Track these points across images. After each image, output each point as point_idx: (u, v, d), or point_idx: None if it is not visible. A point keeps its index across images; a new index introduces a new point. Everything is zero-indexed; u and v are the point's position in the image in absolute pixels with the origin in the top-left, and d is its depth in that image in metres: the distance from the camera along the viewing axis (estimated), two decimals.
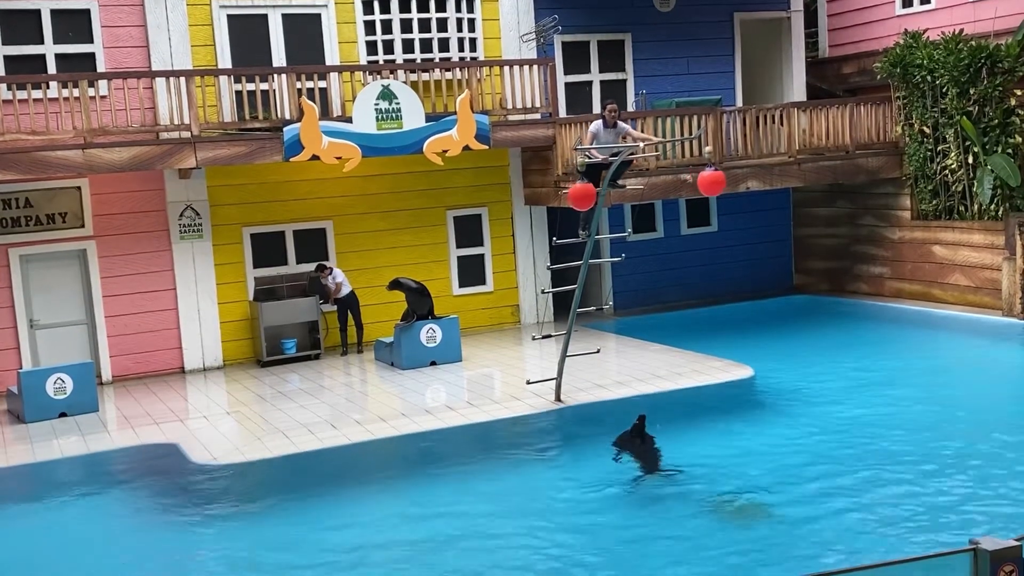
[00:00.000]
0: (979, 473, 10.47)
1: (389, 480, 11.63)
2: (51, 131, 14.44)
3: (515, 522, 9.90)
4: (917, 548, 8.54)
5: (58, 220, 15.63)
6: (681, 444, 11.32)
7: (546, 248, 18.35)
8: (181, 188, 16.17)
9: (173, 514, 10.54)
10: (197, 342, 16.39)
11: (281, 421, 12.94)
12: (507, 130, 16.86)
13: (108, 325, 15.92)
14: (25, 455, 12.17)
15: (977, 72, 16.87)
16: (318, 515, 10.28)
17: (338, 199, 17.25)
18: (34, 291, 15.61)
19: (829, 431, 12.13)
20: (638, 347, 16.16)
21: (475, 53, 17.60)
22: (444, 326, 15.74)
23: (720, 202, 19.82)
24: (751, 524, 9.53)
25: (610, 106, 12.61)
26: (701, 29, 19.55)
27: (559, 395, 13.14)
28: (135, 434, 12.80)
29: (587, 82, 18.89)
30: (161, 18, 15.80)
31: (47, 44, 15.33)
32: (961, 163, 17.30)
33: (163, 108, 15.40)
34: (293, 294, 16.65)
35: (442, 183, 17.75)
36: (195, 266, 16.31)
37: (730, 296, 20.16)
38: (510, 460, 11.83)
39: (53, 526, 10.48)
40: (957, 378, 14.62)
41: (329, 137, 15.50)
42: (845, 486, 10.38)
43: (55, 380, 13.71)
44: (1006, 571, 5.98)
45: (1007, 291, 16.43)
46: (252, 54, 16.33)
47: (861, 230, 19.63)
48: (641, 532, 9.49)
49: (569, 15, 18.04)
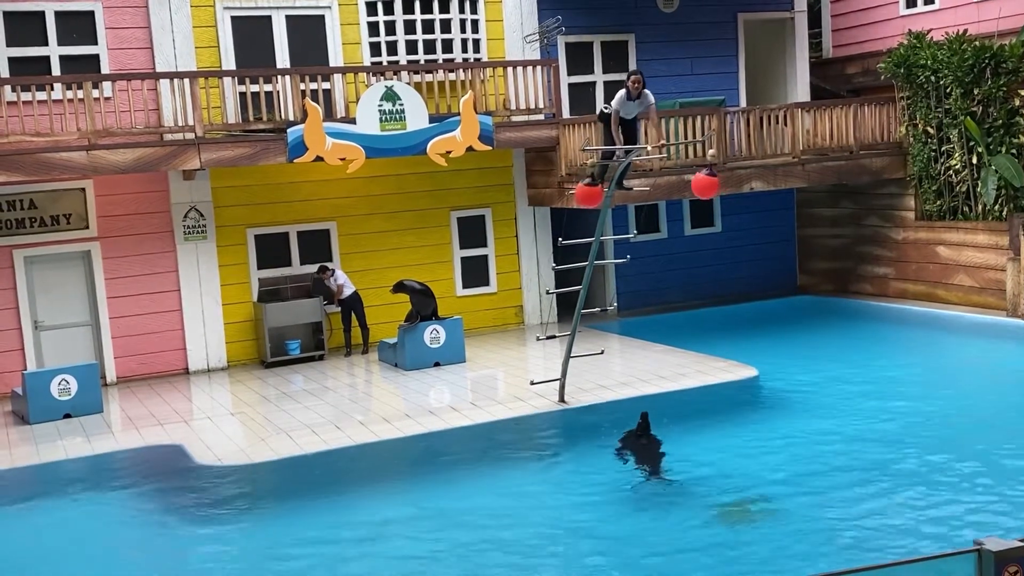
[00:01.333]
0: (984, 473, 10.45)
1: (393, 481, 11.65)
2: (55, 133, 14.47)
3: (518, 523, 9.89)
4: (922, 549, 8.53)
5: (62, 221, 15.66)
6: (684, 444, 11.32)
7: (550, 249, 18.35)
8: (185, 189, 16.19)
9: (177, 515, 10.55)
10: (201, 343, 16.41)
11: (285, 422, 12.95)
12: (511, 131, 16.87)
13: (112, 326, 15.94)
14: (30, 456, 12.19)
15: (981, 72, 16.86)
16: (322, 516, 10.29)
17: (342, 200, 17.26)
18: (38, 292, 15.64)
19: (833, 431, 12.13)
20: (642, 348, 16.16)
21: (478, 54, 17.61)
22: (448, 327, 15.75)
23: (724, 203, 19.81)
24: (753, 524, 9.53)
25: (634, 76, 12.51)
26: (705, 29, 19.55)
27: (563, 396, 13.14)
28: (139, 435, 12.82)
29: (591, 83, 18.90)
30: (165, 20, 15.82)
31: (51, 46, 15.35)
32: (965, 163, 17.29)
33: (167, 110, 15.42)
34: (297, 295, 16.67)
35: (446, 184, 17.76)
36: (199, 267, 16.33)
37: (734, 297, 20.14)
38: (513, 461, 11.83)
39: (57, 527, 10.48)
40: (961, 379, 14.61)
41: (333, 138, 15.52)
42: (849, 486, 10.38)
43: (59, 381, 13.73)
44: (1010, 572, 5.97)
45: (1011, 292, 16.41)
46: (256, 55, 16.34)
47: (865, 230, 19.62)
48: (643, 532, 9.49)
49: (572, 16, 18.04)
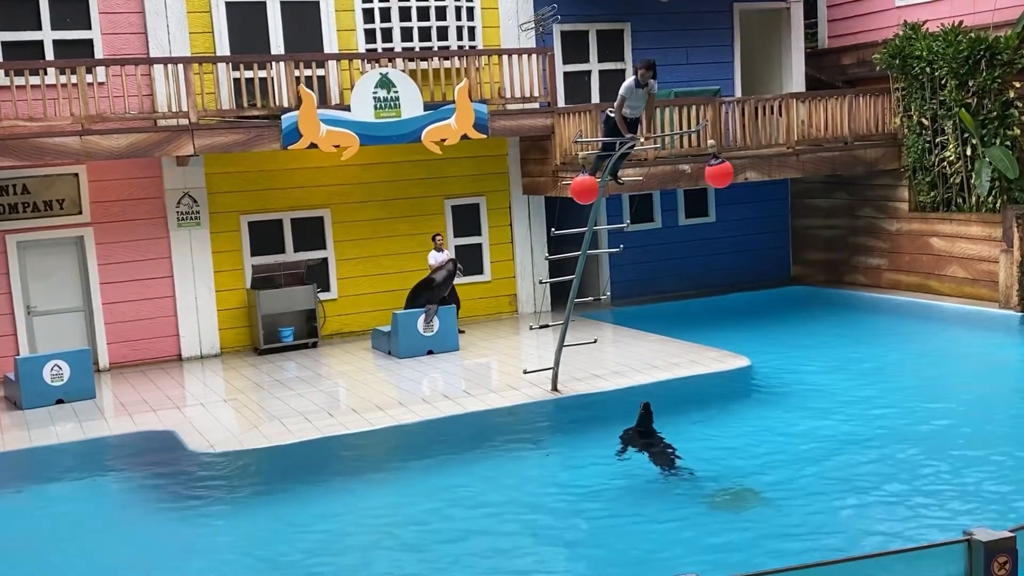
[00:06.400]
0: (975, 464, 10.50)
1: (385, 469, 11.66)
2: (49, 117, 14.41)
3: (509, 510, 9.92)
4: (912, 538, 8.56)
5: (55, 207, 15.61)
6: (676, 434, 11.32)
7: (544, 238, 18.34)
8: (179, 175, 16.15)
9: (168, 501, 10.56)
10: (194, 329, 16.38)
11: (278, 409, 12.95)
12: (505, 119, 16.85)
13: (105, 312, 15.91)
14: (22, 441, 12.17)
15: (976, 64, 16.86)
16: (314, 504, 10.31)
17: (336, 187, 17.24)
18: (31, 278, 15.60)
19: (825, 421, 12.17)
20: (635, 337, 16.17)
21: (474, 42, 17.57)
22: (441, 315, 15.74)
23: (718, 193, 19.79)
24: (745, 513, 9.56)
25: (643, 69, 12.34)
26: (701, 19, 19.51)
27: (556, 385, 13.14)
28: (132, 421, 12.81)
29: (586, 72, 18.86)
30: (159, 4, 15.75)
31: (45, 30, 15.28)
32: (959, 155, 17.30)
33: (161, 95, 15.37)
34: (291, 282, 16.63)
35: (440, 172, 17.73)
36: (192, 253, 16.30)
37: (727, 287, 20.15)
38: (506, 449, 11.84)
39: (49, 511, 10.50)
40: (953, 369, 14.66)
41: (327, 125, 15.48)
42: (840, 475, 10.43)
43: (52, 367, 13.71)
44: (1000, 562, 6.00)
45: (1004, 283, 16.44)
46: (250, 41, 16.28)
47: (859, 221, 19.64)
48: (635, 520, 9.51)
49: (568, 4, 17.98)
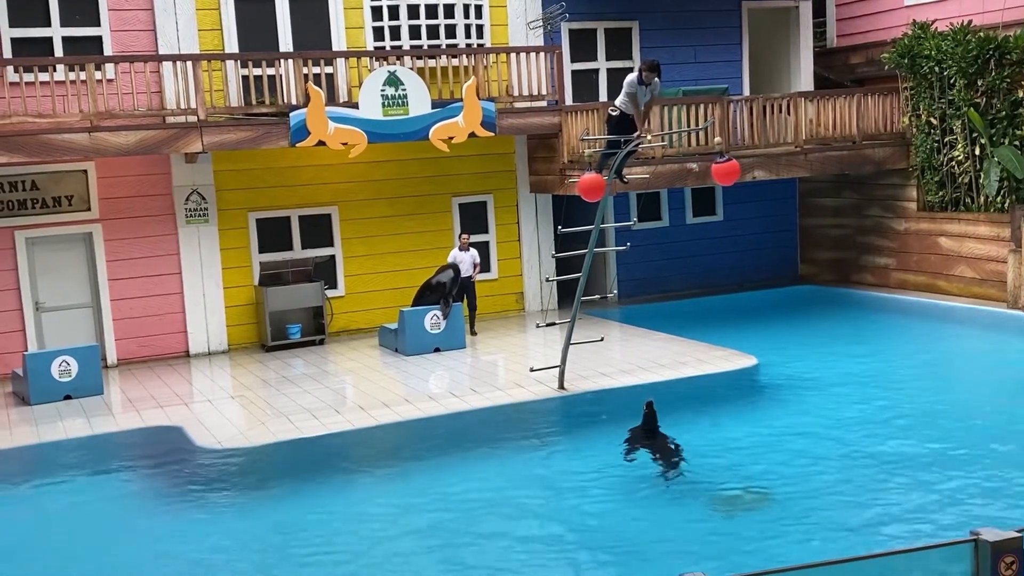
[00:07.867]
0: (982, 464, 10.48)
1: (391, 466, 11.65)
2: (58, 114, 14.45)
3: (514, 508, 9.92)
4: (919, 538, 8.55)
5: (64, 203, 15.65)
6: (682, 433, 11.32)
7: (551, 236, 18.33)
8: (187, 172, 16.18)
9: (176, 497, 10.58)
10: (202, 326, 16.42)
11: (285, 406, 12.98)
12: (513, 117, 16.85)
13: (113, 308, 15.95)
14: (30, 436, 12.22)
15: (985, 63, 16.82)
16: (321, 500, 10.32)
17: (344, 185, 17.25)
18: (40, 273, 15.65)
19: (832, 421, 12.14)
20: (642, 336, 16.17)
21: (482, 40, 17.57)
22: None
23: (726, 191, 19.77)
24: (750, 513, 9.55)
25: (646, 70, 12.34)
26: (709, 18, 19.50)
27: (562, 383, 13.15)
28: (139, 417, 12.84)
29: (594, 70, 18.85)
30: (168, 2, 15.78)
31: (54, 27, 15.32)
32: (968, 155, 17.26)
33: (170, 92, 15.39)
34: (298, 279, 16.64)
35: (448, 170, 17.74)
36: (200, 250, 16.33)
37: (735, 285, 20.14)
38: (512, 447, 11.84)
39: (57, 506, 10.52)
40: (961, 370, 14.64)
41: (335, 123, 15.50)
42: (847, 475, 10.41)
43: (60, 363, 13.75)
44: (1007, 562, 5.99)
45: (1012, 283, 16.41)
46: (259, 39, 16.29)
47: (867, 221, 19.61)
48: (640, 519, 9.52)
49: (576, 3, 17.96)
